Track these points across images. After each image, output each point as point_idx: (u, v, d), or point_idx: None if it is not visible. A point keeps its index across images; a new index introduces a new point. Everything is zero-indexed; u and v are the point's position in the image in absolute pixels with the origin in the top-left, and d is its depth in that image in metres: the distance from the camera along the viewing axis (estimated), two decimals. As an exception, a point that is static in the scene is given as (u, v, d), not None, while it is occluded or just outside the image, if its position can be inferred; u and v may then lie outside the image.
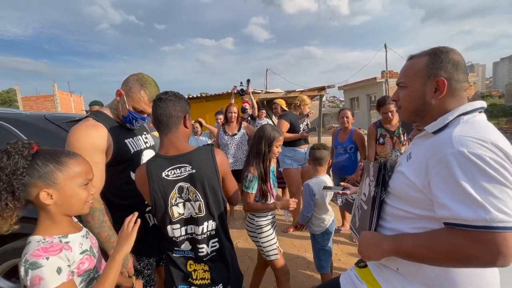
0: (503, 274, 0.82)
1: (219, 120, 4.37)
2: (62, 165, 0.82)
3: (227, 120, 3.45)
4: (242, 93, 4.52)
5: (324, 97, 10.71)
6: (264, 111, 5.56)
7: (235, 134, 3.37)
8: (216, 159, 1.10)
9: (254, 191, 1.60)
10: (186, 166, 1.05)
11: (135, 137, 1.34)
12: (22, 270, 0.72)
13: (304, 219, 1.96)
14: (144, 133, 1.47)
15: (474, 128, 0.72)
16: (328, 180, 1.96)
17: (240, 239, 3.08)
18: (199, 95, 9.03)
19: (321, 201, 1.92)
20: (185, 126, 1.11)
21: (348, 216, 3.22)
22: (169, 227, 1.07)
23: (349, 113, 2.93)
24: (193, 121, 4.09)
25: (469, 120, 0.76)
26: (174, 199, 1.06)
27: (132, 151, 1.27)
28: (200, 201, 1.07)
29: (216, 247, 1.14)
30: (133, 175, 1.23)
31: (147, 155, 1.36)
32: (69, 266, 0.78)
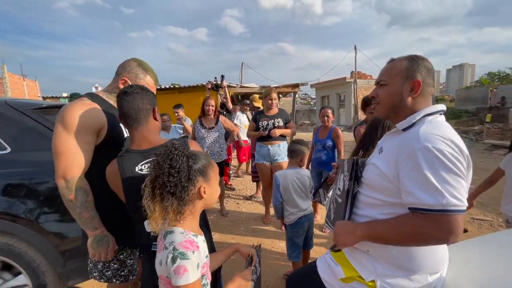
0: (451, 251, 0.98)
1: (177, 114, 4.32)
2: (209, 161, 0.90)
3: (204, 113, 3.42)
4: (216, 88, 4.51)
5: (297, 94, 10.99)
6: (237, 107, 5.52)
7: (212, 128, 3.37)
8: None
9: None
10: None
11: None
12: (169, 257, 0.75)
13: (275, 209, 2.07)
14: None
15: (437, 127, 0.85)
16: (303, 173, 2.06)
17: (214, 231, 3.12)
18: (171, 86, 8.74)
19: (286, 193, 2.01)
20: (155, 119, 1.10)
21: (320, 209, 3.42)
22: (146, 223, 0.98)
23: (329, 112, 3.04)
24: (161, 114, 3.96)
25: (432, 120, 0.89)
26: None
27: (126, 135, 1.26)
28: None
29: None
30: None
31: None
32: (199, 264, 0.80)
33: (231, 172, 4.95)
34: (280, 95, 12.46)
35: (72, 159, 1.06)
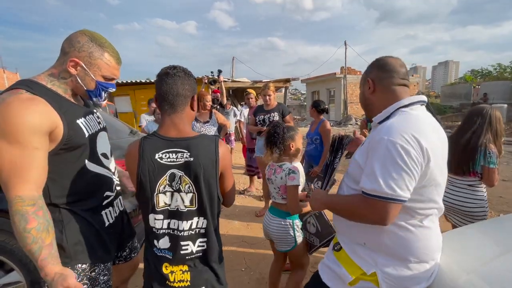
0: (444, 240, 1.03)
1: (152, 108, 4.24)
2: (296, 131, 1.63)
3: (198, 108, 3.39)
4: (213, 83, 4.46)
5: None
6: (228, 102, 5.53)
7: (207, 122, 3.35)
8: (218, 150, 0.98)
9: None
10: (184, 152, 0.95)
11: (87, 116, 1.07)
12: (285, 171, 1.53)
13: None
14: (95, 110, 1.19)
15: (405, 119, 0.90)
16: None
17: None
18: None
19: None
20: (192, 108, 1.02)
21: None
22: (151, 216, 0.97)
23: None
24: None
25: (405, 112, 0.93)
26: (163, 186, 0.95)
27: (87, 134, 1.02)
28: (194, 193, 0.96)
29: (203, 248, 1.02)
30: (89, 164, 1.05)
31: (102, 138, 1.14)
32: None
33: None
34: (271, 90, 12.47)
35: (14, 174, 0.82)
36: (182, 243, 0.99)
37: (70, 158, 0.97)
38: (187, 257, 1.00)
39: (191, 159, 0.95)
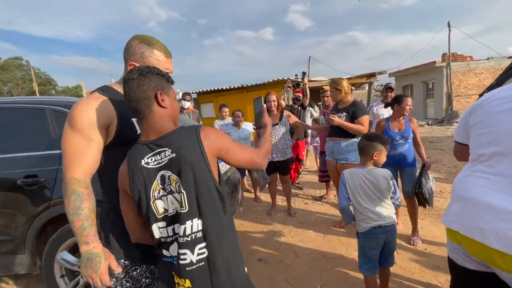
0: None
1: (224, 114, 4.29)
2: None
3: (267, 110, 3.29)
4: (297, 87, 4.32)
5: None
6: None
7: (276, 124, 3.18)
8: (201, 138, 0.88)
9: None
10: (166, 150, 0.87)
11: None
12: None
13: (341, 212, 1.82)
14: None
15: None
16: (377, 173, 1.68)
17: (283, 231, 2.96)
18: (240, 86, 9.02)
19: (354, 195, 1.69)
20: (160, 106, 0.90)
21: (405, 216, 2.87)
22: (154, 226, 0.89)
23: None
24: (235, 110, 4.03)
25: None
26: (157, 191, 0.88)
27: (139, 131, 1.07)
28: (182, 192, 0.86)
29: (204, 255, 0.88)
30: None
31: None
32: None
33: (301, 170, 4.68)
34: (353, 88, 11.44)
35: (73, 158, 0.93)
36: (180, 251, 0.87)
37: (119, 152, 0.99)
38: (187, 268, 0.86)
39: (173, 155, 0.86)
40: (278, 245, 2.71)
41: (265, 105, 1.43)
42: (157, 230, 0.89)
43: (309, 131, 5.22)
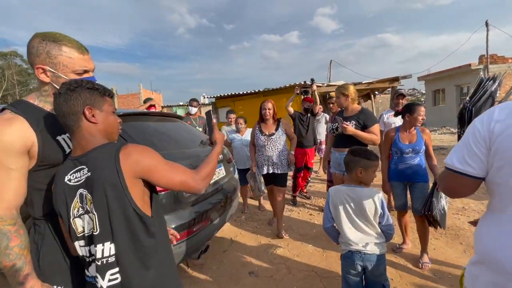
0: None
1: (229, 120, 4.19)
2: None
3: (262, 119, 3.06)
4: (306, 94, 4.17)
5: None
6: (321, 106, 5.12)
7: (273, 134, 2.96)
8: (119, 158, 0.83)
9: None
10: (84, 168, 0.84)
11: None
12: None
13: (326, 232, 1.67)
14: None
15: None
16: (361, 193, 1.51)
17: (280, 243, 2.85)
18: (256, 91, 9.01)
19: (336, 214, 1.56)
20: (89, 121, 0.86)
21: (410, 231, 2.63)
22: (76, 244, 0.87)
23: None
24: (237, 117, 3.99)
25: None
26: (77, 209, 0.85)
27: (68, 150, 0.96)
28: (94, 214, 0.82)
29: (117, 281, 0.83)
30: None
31: None
32: None
33: (309, 178, 4.49)
34: (376, 92, 10.91)
35: None
36: (96, 274, 0.83)
37: (47, 174, 0.93)
38: None
39: (89, 174, 0.83)
40: (272, 258, 2.61)
41: (215, 120, 1.35)
42: (79, 248, 0.88)
43: (320, 138, 5.03)
